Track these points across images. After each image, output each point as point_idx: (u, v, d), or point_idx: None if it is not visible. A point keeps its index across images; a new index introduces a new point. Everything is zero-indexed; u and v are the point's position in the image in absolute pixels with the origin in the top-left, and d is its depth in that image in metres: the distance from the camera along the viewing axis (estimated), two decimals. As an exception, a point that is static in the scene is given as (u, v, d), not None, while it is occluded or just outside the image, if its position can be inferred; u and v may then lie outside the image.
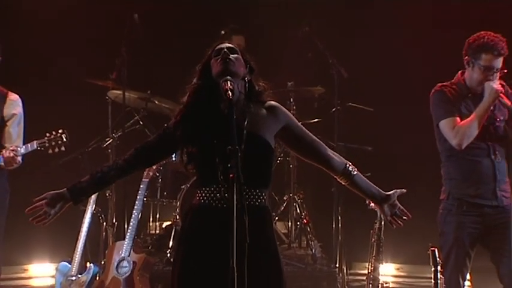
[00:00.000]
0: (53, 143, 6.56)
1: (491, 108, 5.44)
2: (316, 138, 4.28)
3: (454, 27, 8.18)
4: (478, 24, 6.12)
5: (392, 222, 4.33)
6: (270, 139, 4.05)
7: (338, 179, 4.30)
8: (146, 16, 8.28)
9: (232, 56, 4.01)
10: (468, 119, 5.41)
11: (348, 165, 4.25)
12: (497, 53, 5.38)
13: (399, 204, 4.30)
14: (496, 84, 5.38)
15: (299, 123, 4.26)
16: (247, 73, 4.07)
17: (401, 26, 9.07)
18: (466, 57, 5.53)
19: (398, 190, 4.34)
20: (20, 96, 6.66)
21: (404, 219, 4.33)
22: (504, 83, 5.39)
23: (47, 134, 6.58)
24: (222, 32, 8.56)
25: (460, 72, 5.65)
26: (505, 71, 5.44)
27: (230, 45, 4.09)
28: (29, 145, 6.52)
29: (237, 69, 3.98)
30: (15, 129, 6.53)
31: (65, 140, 6.60)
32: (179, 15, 9.56)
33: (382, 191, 4.31)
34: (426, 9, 9.00)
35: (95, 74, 8.30)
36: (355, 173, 4.25)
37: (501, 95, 5.38)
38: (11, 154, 6.35)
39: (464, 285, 5.64)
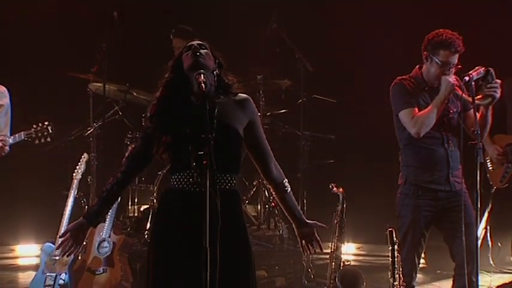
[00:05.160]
0: (40, 134, 6.48)
1: (446, 102, 5.46)
2: (269, 148, 4.22)
3: (413, 24, 8.20)
4: (437, 21, 6.15)
5: (304, 248, 4.29)
6: (239, 128, 4.02)
7: (271, 190, 4.30)
8: (124, 13, 8.24)
9: (202, 50, 3.99)
10: (426, 109, 5.40)
11: (285, 182, 4.23)
12: (455, 50, 5.38)
13: (316, 236, 4.27)
14: (451, 78, 5.39)
15: (261, 127, 4.21)
16: (216, 67, 4.04)
17: (364, 24, 9.10)
18: (425, 53, 5.51)
19: (319, 223, 4.32)
20: (6, 88, 6.58)
21: (315, 250, 4.31)
22: (458, 78, 5.39)
23: (34, 126, 6.50)
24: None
25: (417, 66, 5.64)
26: (460, 66, 5.45)
27: (200, 42, 4.07)
28: (16, 136, 6.44)
29: (207, 63, 3.96)
30: (2, 119, 6.43)
31: (50, 131, 6.52)
32: (155, 12, 9.54)
33: (304, 217, 4.28)
34: (389, 6, 9.01)
35: (77, 68, 8.25)
36: (289, 191, 4.24)
37: (456, 88, 5.40)
38: (0, 144, 6.28)
39: (419, 263, 5.67)
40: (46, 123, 6.52)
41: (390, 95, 5.62)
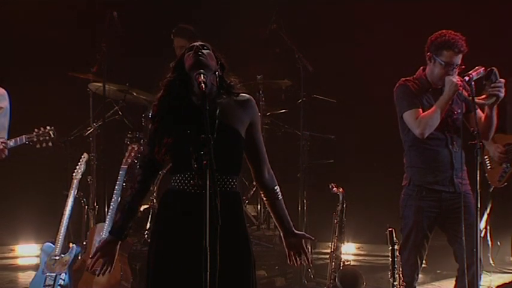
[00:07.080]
0: (41, 138, 6.42)
1: (449, 102, 5.45)
2: (265, 152, 4.18)
3: (415, 24, 8.21)
4: (439, 22, 6.15)
5: (290, 258, 4.23)
6: (241, 128, 3.98)
7: (262, 195, 4.26)
8: (124, 13, 8.24)
9: (204, 51, 3.96)
10: (430, 110, 5.38)
11: (276, 188, 4.20)
12: (458, 50, 5.37)
13: (304, 247, 4.21)
14: (455, 78, 5.38)
15: (260, 129, 4.19)
16: (218, 68, 4.01)
17: (365, 23, 9.09)
18: (428, 54, 5.50)
19: (307, 235, 4.29)
20: (6, 90, 6.55)
21: (302, 263, 4.25)
22: (462, 78, 5.38)
23: (36, 130, 6.43)
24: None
25: (421, 68, 5.63)
26: (463, 67, 5.44)
27: (202, 42, 4.06)
28: (18, 139, 6.37)
29: (208, 63, 3.92)
30: (0, 121, 6.40)
31: (52, 136, 6.45)
32: (155, 12, 9.53)
33: (292, 227, 4.24)
34: (389, 8, 9.00)
35: (77, 67, 8.24)
36: (280, 198, 4.22)
37: (460, 88, 5.39)
38: (1, 146, 6.24)
39: (421, 264, 5.66)
40: (48, 127, 6.46)
41: (394, 97, 5.59)
